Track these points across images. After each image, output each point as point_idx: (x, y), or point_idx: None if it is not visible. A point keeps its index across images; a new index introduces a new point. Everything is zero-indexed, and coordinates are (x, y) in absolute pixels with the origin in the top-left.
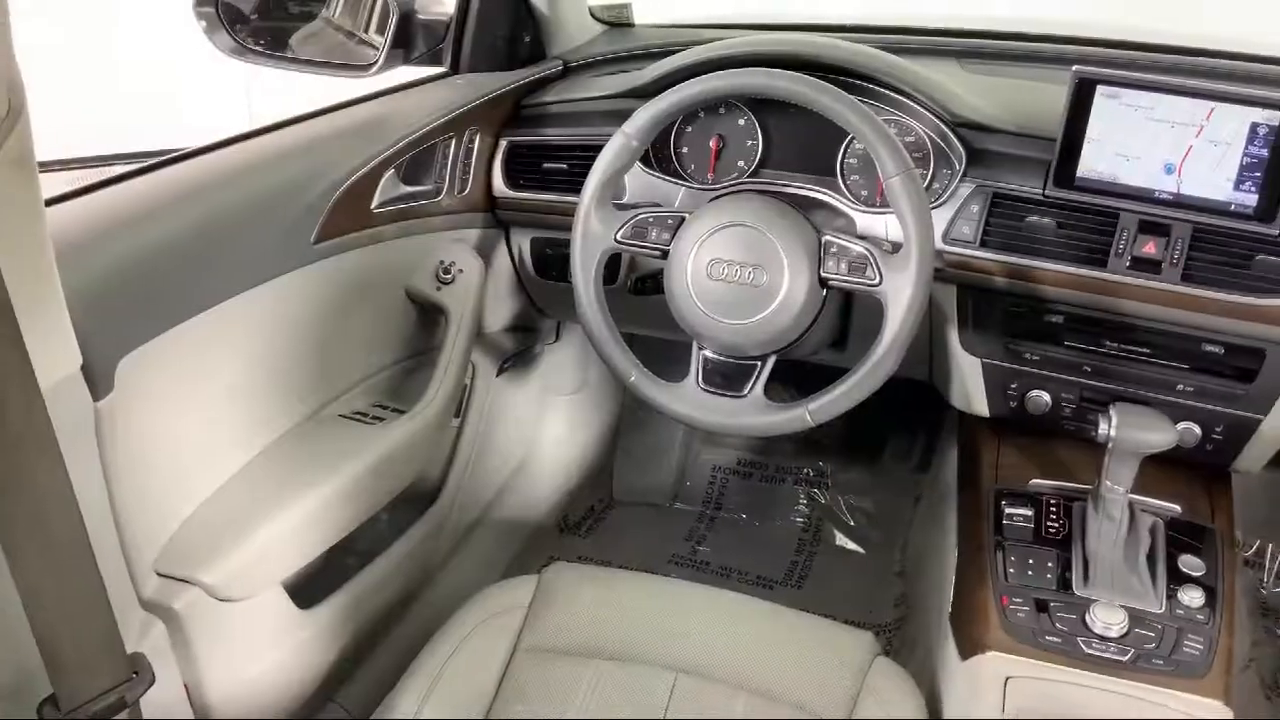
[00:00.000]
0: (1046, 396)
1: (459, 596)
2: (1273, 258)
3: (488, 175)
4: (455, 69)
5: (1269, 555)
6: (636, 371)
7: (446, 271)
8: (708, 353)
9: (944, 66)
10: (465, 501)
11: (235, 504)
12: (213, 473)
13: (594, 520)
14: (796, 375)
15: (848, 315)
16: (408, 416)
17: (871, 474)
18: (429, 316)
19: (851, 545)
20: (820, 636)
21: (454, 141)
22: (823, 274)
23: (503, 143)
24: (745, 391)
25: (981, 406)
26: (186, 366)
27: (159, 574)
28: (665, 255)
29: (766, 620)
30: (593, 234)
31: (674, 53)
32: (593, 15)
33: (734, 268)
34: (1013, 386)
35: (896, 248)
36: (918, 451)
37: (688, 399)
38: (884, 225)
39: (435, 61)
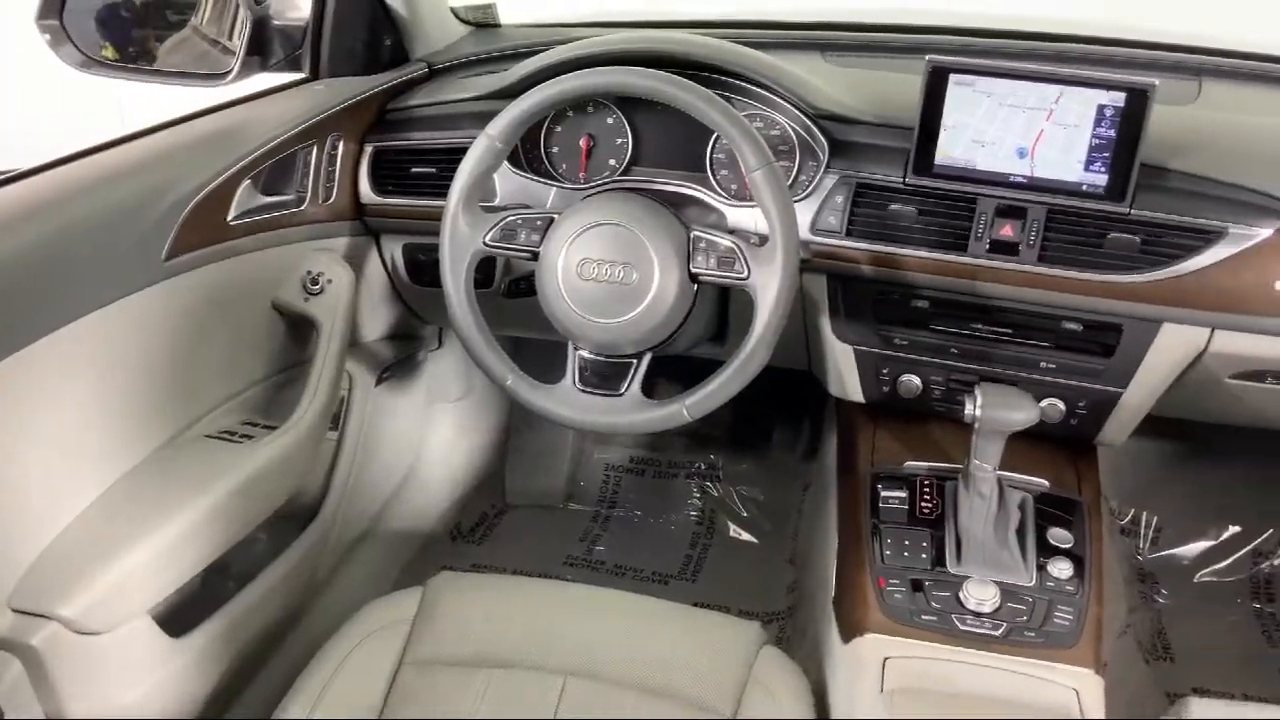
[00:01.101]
0: (917, 380)
1: (346, 613)
2: (1124, 235)
3: (353, 182)
4: (315, 74)
5: (1144, 523)
6: (513, 375)
7: (314, 282)
8: (584, 353)
9: (808, 60)
10: (349, 515)
11: (94, 532)
12: (69, 502)
13: (487, 526)
14: (682, 370)
15: (725, 308)
16: (279, 432)
17: (761, 464)
18: (299, 329)
19: (745, 536)
20: (707, 630)
21: (315, 149)
22: (692, 269)
23: (367, 148)
24: (622, 390)
25: (856, 392)
26: (33, 393)
27: (14, 610)
28: (536, 257)
29: (654, 617)
30: (461, 238)
31: (540, 53)
32: (456, 16)
33: (604, 267)
34: (884, 371)
35: (764, 241)
36: (805, 439)
37: (565, 400)
38: (753, 219)
39: (296, 67)
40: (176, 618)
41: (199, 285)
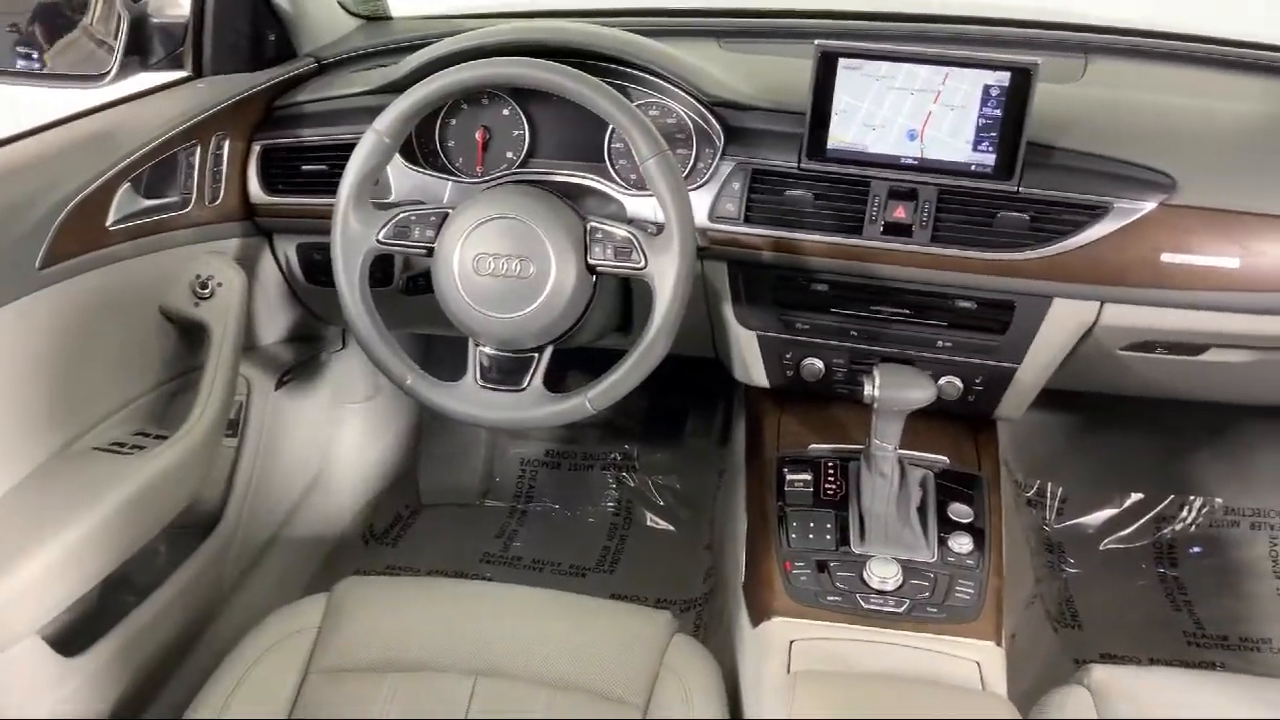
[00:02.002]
0: (819, 363)
1: (253, 624)
2: (1013, 213)
3: (242, 182)
4: (198, 72)
5: (1049, 494)
6: (412, 374)
7: (204, 286)
8: (485, 349)
9: (704, 47)
10: (253, 523)
11: None
12: None
13: (401, 527)
14: (598, 361)
15: (629, 298)
16: (170, 442)
17: (677, 452)
18: (190, 335)
19: (662, 524)
20: (619, 622)
21: (199, 149)
22: (590, 261)
23: (255, 147)
24: (525, 385)
25: (761, 377)
26: None
27: None
28: (431, 253)
29: (565, 612)
30: (353, 236)
31: (431, 45)
32: (345, 9)
33: (500, 261)
34: (788, 356)
35: (662, 230)
36: (718, 425)
37: (467, 397)
38: (653, 208)
39: (178, 66)
40: (70, 636)
41: (80, 293)
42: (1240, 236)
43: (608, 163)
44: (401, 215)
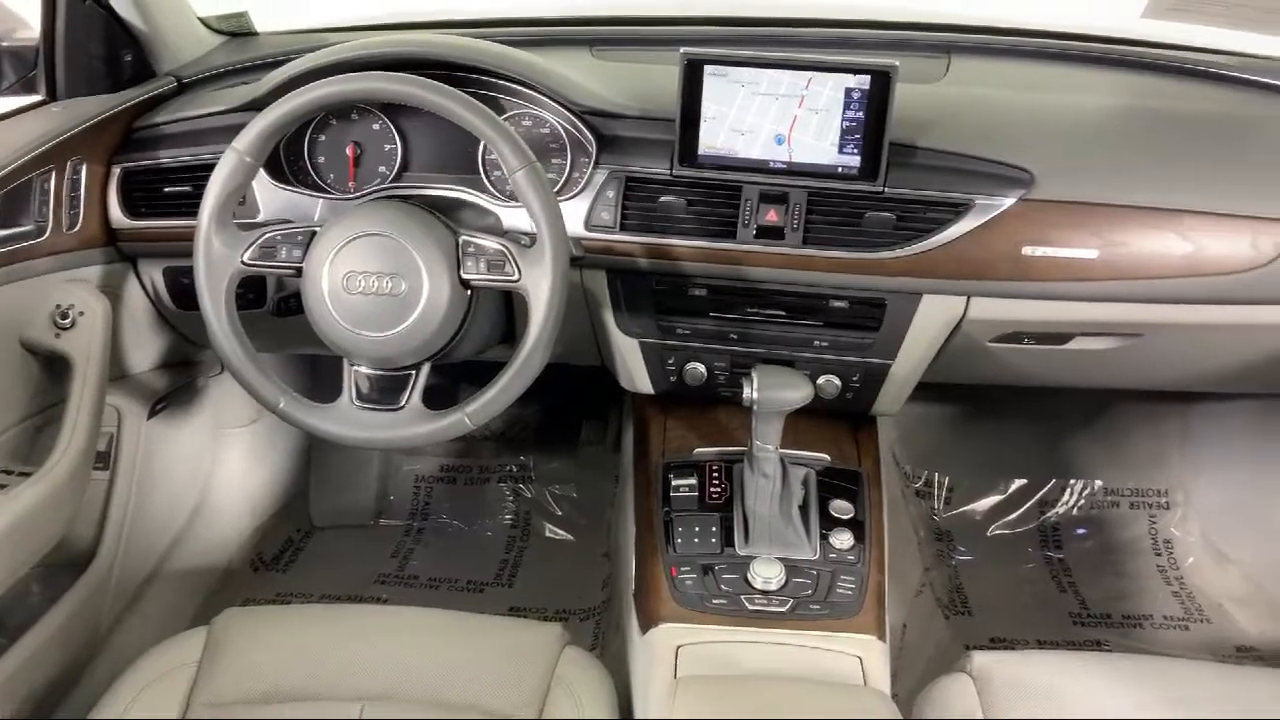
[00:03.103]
0: (701, 367)
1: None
2: (880, 213)
3: (102, 207)
4: (52, 96)
5: (937, 484)
6: (285, 397)
7: (64, 316)
8: (360, 368)
9: (576, 56)
10: (130, 557)
11: None
12: None
13: (293, 552)
14: (481, 375)
15: (512, 311)
16: (34, 479)
17: (573, 461)
18: (53, 367)
19: (561, 534)
20: (508, 637)
21: (54, 174)
22: (463, 275)
23: (115, 170)
24: (402, 403)
25: (645, 384)
26: None
27: None
28: (299, 273)
29: (454, 630)
30: (217, 258)
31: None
32: (208, 26)
33: (371, 279)
34: (670, 361)
35: (536, 241)
36: (612, 432)
37: (343, 418)
38: (528, 219)
39: (32, 90)
40: None
41: None
42: (1097, 228)
43: (483, 175)
44: (267, 235)
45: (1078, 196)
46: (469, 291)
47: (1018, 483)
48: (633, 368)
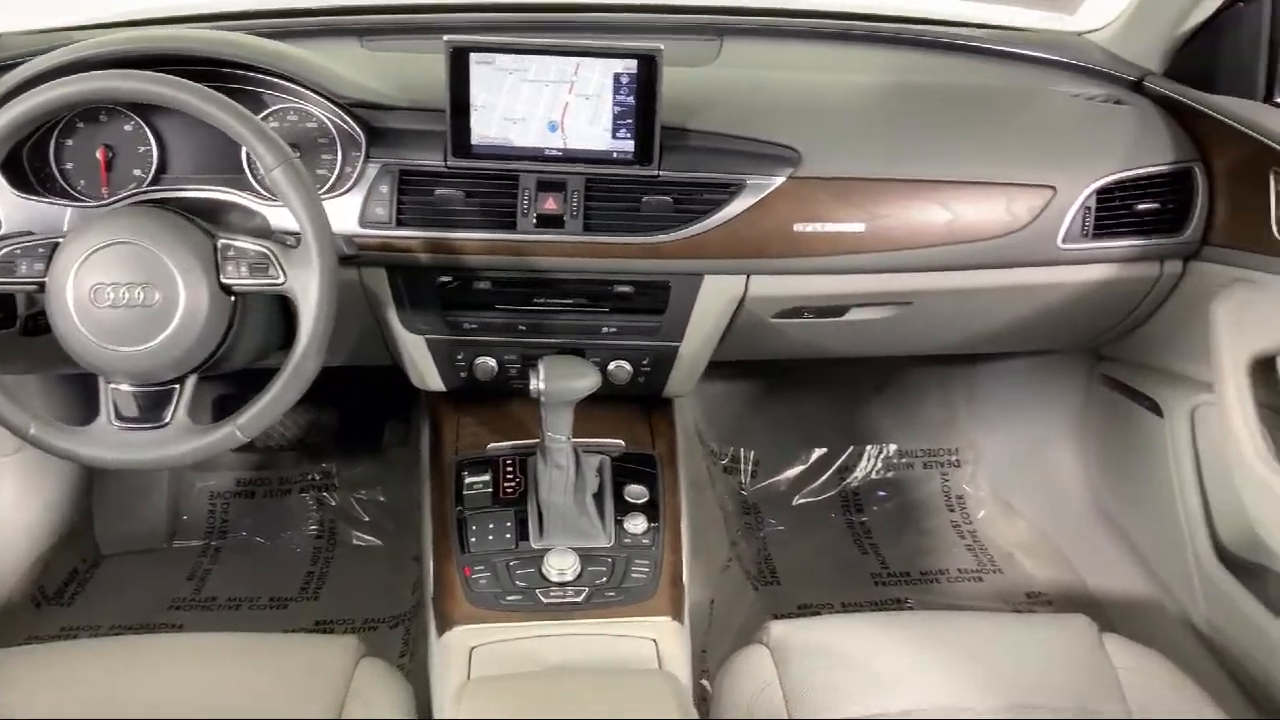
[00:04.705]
0: (492, 361)
1: None
2: (658, 197)
3: None
4: None
5: (743, 459)
6: (35, 423)
7: None
8: (119, 385)
9: (345, 47)
10: None
11: None
12: None
13: (79, 584)
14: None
15: (289, 315)
16: None
17: (378, 464)
18: None
19: (369, 540)
20: (301, 656)
21: None
22: (223, 281)
23: None
24: (167, 419)
25: (435, 381)
26: None
27: None
28: (43, 288)
29: (244, 654)
30: None
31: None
32: None
33: (121, 290)
34: (459, 357)
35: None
36: (415, 432)
37: (102, 440)
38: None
39: None
40: None
41: None
42: (862, 202)
43: (248, 174)
44: (4, 250)
45: (843, 172)
46: (232, 298)
47: (818, 452)
48: (421, 366)
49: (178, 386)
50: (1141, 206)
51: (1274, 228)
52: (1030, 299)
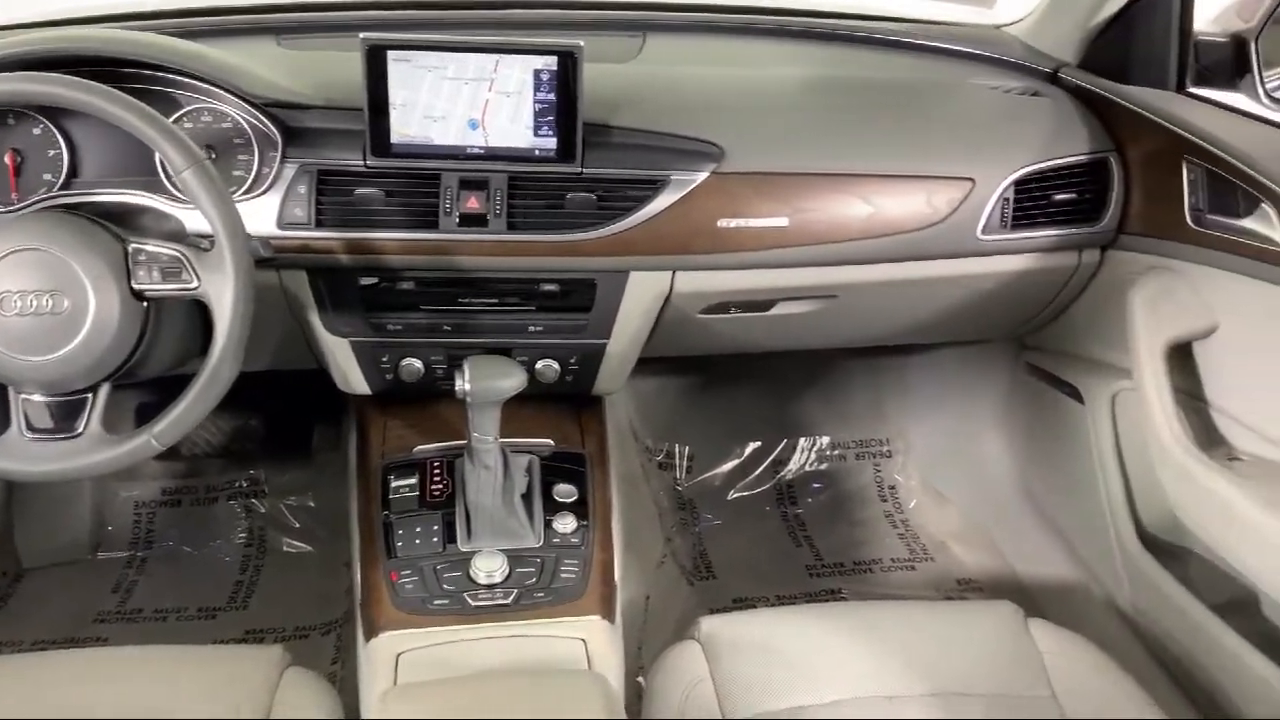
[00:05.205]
0: (418, 363)
1: None
2: (582, 194)
3: None
4: None
5: (678, 454)
6: None
7: None
8: (30, 395)
9: (261, 46)
10: None
11: None
12: None
13: None
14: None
15: (209, 320)
16: None
17: (308, 469)
18: None
19: (300, 547)
20: (223, 669)
21: None
22: (135, 286)
23: None
24: (80, 429)
25: (360, 384)
26: None
27: None
28: None
29: (167, 666)
30: None
31: None
32: None
33: (29, 298)
34: (384, 359)
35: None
36: (345, 436)
37: (13, 452)
38: None
39: None
40: None
41: None
42: (785, 196)
43: (162, 177)
44: None
45: (766, 167)
46: (145, 304)
47: (753, 445)
48: (345, 368)
49: (90, 395)
50: (1059, 197)
51: (1187, 216)
52: (952, 290)
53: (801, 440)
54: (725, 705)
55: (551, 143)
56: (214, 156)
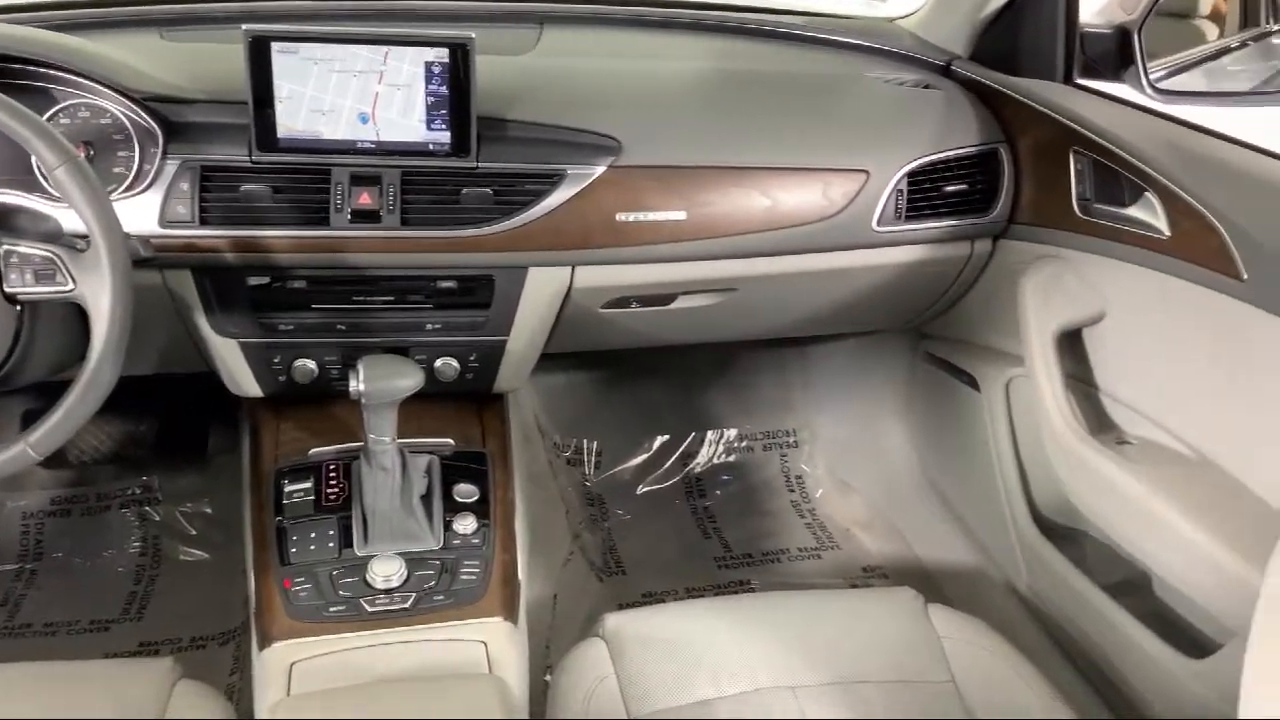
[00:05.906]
0: (311, 363)
1: None
2: (477, 189)
3: None
4: None
5: (586, 450)
6: None
7: None
8: None
9: (143, 39)
10: None
11: None
12: None
13: None
14: None
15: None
16: None
17: (204, 474)
18: None
19: (197, 555)
20: (109, 686)
21: None
22: (6, 290)
23: None
24: None
25: (252, 386)
26: None
27: None
28: None
29: (47, 684)
30: None
31: None
32: None
33: None
34: (276, 360)
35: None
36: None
37: None
38: None
39: None
40: None
41: None
42: (683, 190)
43: (39, 175)
44: None
45: (664, 160)
46: (18, 307)
47: (661, 439)
48: (235, 370)
49: None
50: (951, 188)
51: (1075, 205)
52: (850, 281)
53: (709, 433)
54: (630, 702)
55: (445, 137)
56: (92, 154)
